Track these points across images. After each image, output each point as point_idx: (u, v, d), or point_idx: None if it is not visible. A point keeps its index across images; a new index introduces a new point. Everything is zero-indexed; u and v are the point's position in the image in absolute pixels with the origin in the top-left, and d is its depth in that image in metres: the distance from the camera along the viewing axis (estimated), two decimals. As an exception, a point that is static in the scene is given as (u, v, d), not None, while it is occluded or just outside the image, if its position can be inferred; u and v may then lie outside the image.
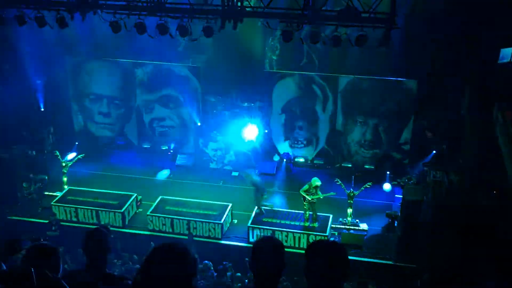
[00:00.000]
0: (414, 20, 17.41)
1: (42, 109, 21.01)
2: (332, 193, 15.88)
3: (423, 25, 17.37)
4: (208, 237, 16.22)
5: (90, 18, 14.53)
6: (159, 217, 16.49)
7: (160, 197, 17.39)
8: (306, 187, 15.92)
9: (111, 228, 15.46)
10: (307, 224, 16.08)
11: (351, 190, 16.15)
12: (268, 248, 4.03)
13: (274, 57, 20.15)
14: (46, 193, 18.18)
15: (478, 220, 13.09)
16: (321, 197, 15.81)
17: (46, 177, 19.06)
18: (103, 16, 14.04)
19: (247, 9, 13.92)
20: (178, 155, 21.10)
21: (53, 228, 16.29)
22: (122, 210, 16.78)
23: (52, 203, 17.17)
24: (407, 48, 17.60)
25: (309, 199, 15.81)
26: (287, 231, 15.79)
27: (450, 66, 17.21)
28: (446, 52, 17.19)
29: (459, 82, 17.13)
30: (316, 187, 15.80)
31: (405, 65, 18.33)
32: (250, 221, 16.18)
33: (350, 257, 3.92)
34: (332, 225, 16.25)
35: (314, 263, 3.70)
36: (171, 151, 21.11)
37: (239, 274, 14.14)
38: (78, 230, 15.79)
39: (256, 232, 15.85)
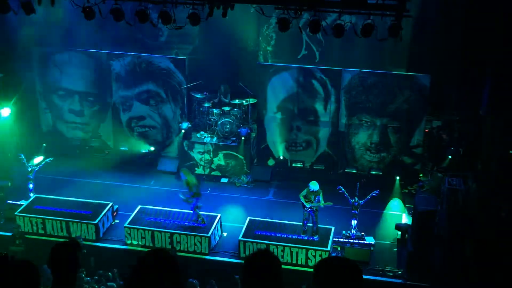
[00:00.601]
0: (427, 8, 17.47)
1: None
2: (328, 203, 15.86)
3: (438, 13, 17.44)
4: (194, 252, 16.19)
5: (60, 3, 14.49)
6: (138, 229, 16.43)
7: (139, 206, 17.35)
8: (304, 192, 15.93)
9: (83, 242, 15.52)
10: (304, 235, 16.09)
11: (356, 199, 16.15)
12: (262, 264, 3.98)
13: (269, 48, 20.17)
14: (8, 201, 18.07)
15: (499, 231, 13.14)
16: (322, 206, 15.81)
17: (9, 183, 18.96)
18: (74, 1, 13.99)
19: (238, -7, 13.92)
20: (160, 159, 21.07)
21: (17, 242, 16.19)
22: (96, 221, 16.70)
23: (16, 213, 17.08)
24: (420, 39, 17.64)
25: (307, 206, 15.82)
26: (283, 245, 15.78)
27: (468, 59, 17.24)
28: (465, 44, 17.23)
29: (479, 78, 17.16)
30: (314, 192, 15.79)
31: (418, 58, 18.37)
32: (241, 234, 16.16)
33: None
34: (334, 239, 16.25)
35: (324, 283, 3.67)
36: (151, 153, 21.08)
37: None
38: (45, 243, 15.70)
39: (249, 246, 15.84)
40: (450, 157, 18.67)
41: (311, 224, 16.11)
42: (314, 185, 15.81)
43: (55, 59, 20.98)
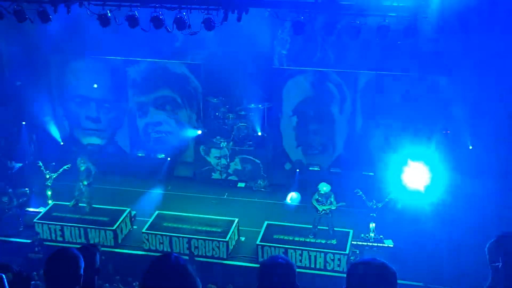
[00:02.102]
0: (443, 9, 17.33)
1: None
2: (341, 203, 15.80)
3: (455, 14, 17.29)
4: (212, 257, 16.20)
5: (75, 11, 14.56)
6: (156, 234, 16.47)
7: (157, 212, 17.40)
8: (316, 195, 15.90)
9: (102, 248, 15.56)
10: (311, 236, 16.06)
11: (374, 201, 16.07)
12: (278, 269, 3.98)
13: (284, 52, 20.13)
14: (27, 209, 18.19)
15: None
16: (334, 208, 15.75)
17: (28, 191, 19.09)
18: (90, 8, 14.07)
19: (252, -3, 13.92)
20: (177, 165, 21.10)
21: (36, 249, 16.29)
22: (114, 228, 16.78)
23: (34, 220, 17.19)
24: (437, 40, 17.52)
25: (320, 210, 15.77)
26: (302, 249, 15.73)
27: (487, 60, 17.08)
28: (483, 44, 17.08)
29: (498, 81, 17.04)
30: (326, 194, 15.72)
31: (434, 60, 18.24)
32: (259, 239, 16.14)
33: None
34: (353, 242, 16.18)
35: (357, 285, 3.63)
36: (168, 160, 21.15)
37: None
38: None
39: (267, 250, 15.81)
40: None
41: (326, 228, 16.05)
42: (324, 187, 15.77)
43: (71, 66, 21.10)
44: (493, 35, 16.20)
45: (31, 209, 18.02)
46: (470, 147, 18.32)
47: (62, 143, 21.58)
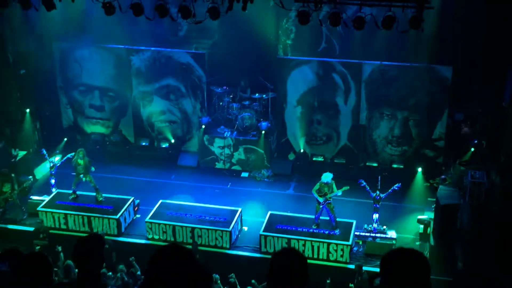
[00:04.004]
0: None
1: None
2: (345, 187, 15.76)
3: (460, 4, 17.24)
4: (215, 246, 16.23)
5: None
6: (159, 224, 16.51)
7: (160, 201, 17.42)
8: (317, 186, 15.89)
9: (106, 237, 15.61)
10: (314, 227, 16.09)
11: (377, 192, 16.07)
12: (290, 262, 3.99)
13: (289, 42, 20.09)
14: (31, 197, 18.24)
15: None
16: (339, 193, 15.75)
17: (31, 179, 19.14)
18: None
19: (258, -13, 13.87)
20: (180, 154, 21.13)
21: (41, 235, 16.34)
22: (117, 216, 16.81)
23: (38, 208, 17.24)
24: (441, 30, 17.46)
25: (321, 201, 15.77)
26: (305, 240, 15.75)
27: (490, 51, 17.05)
28: (487, 36, 17.03)
29: (501, 70, 16.97)
30: (327, 184, 15.73)
31: (439, 50, 18.18)
32: (262, 228, 16.16)
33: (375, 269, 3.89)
34: (356, 233, 16.19)
35: (392, 275, 3.63)
36: (172, 146, 21.14)
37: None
38: (69, 239, 15.81)
39: (270, 240, 15.84)
40: (472, 150, 18.49)
41: (327, 218, 16.06)
42: (326, 177, 15.77)
43: (75, 54, 21.09)
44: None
45: (34, 197, 18.04)
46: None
47: (65, 133, 21.63)
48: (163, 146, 21.36)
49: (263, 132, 19.97)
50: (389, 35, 16.05)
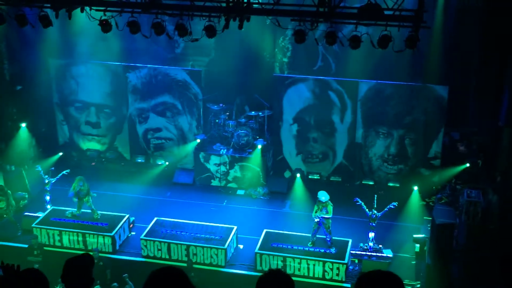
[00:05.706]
0: (445, 19, 17.40)
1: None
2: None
3: (456, 24, 17.35)
4: (210, 264, 16.17)
5: (77, 16, 14.60)
6: (154, 241, 16.45)
7: (155, 218, 17.37)
8: (315, 208, 15.93)
9: (100, 254, 15.54)
10: (310, 244, 16.05)
11: (373, 211, 16.06)
12: (275, 284, 4.00)
13: (285, 60, 20.18)
14: (26, 213, 18.17)
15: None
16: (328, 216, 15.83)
17: (27, 195, 19.08)
18: (91, 14, 14.09)
19: (254, 5, 13.93)
20: (176, 171, 21.11)
21: (35, 252, 16.25)
22: (112, 234, 16.75)
23: (33, 225, 17.17)
24: (437, 50, 17.56)
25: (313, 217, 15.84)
26: (300, 258, 15.70)
27: (486, 70, 17.13)
28: (483, 54, 17.12)
29: (497, 89, 17.05)
30: (322, 203, 15.74)
31: (435, 69, 18.27)
32: (258, 247, 16.11)
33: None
34: (352, 251, 16.16)
35: None
36: (167, 166, 21.12)
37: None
38: (63, 256, 15.70)
39: (266, 258, 15.78)
40: (467, 164, 18.49)
41: (323, 236, 16.04)
42: (322, 195, 15.80)
43: (72, 71, 21.13)
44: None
45: (29, 214, 17.98)
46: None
47: (61, 150, 21.62)
48: (159, 163, 21.35)
49: (259, 147, 19.88)
50: (385, 54, 16.13)
